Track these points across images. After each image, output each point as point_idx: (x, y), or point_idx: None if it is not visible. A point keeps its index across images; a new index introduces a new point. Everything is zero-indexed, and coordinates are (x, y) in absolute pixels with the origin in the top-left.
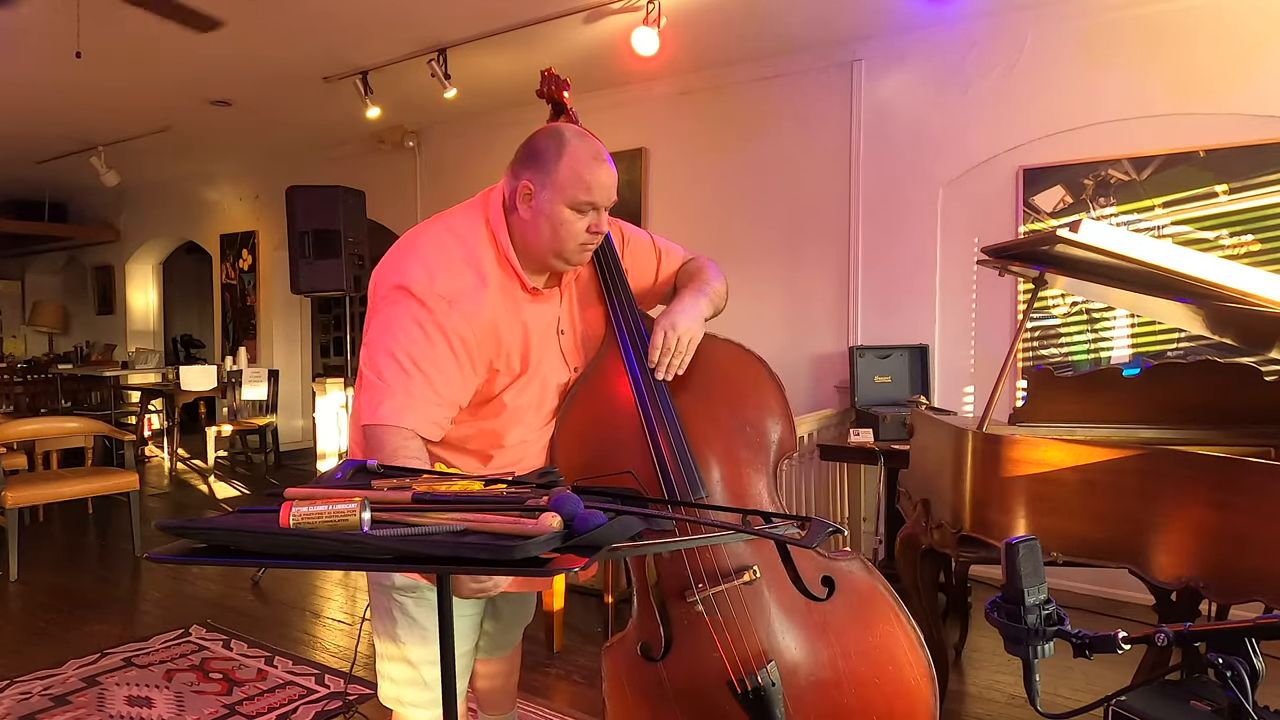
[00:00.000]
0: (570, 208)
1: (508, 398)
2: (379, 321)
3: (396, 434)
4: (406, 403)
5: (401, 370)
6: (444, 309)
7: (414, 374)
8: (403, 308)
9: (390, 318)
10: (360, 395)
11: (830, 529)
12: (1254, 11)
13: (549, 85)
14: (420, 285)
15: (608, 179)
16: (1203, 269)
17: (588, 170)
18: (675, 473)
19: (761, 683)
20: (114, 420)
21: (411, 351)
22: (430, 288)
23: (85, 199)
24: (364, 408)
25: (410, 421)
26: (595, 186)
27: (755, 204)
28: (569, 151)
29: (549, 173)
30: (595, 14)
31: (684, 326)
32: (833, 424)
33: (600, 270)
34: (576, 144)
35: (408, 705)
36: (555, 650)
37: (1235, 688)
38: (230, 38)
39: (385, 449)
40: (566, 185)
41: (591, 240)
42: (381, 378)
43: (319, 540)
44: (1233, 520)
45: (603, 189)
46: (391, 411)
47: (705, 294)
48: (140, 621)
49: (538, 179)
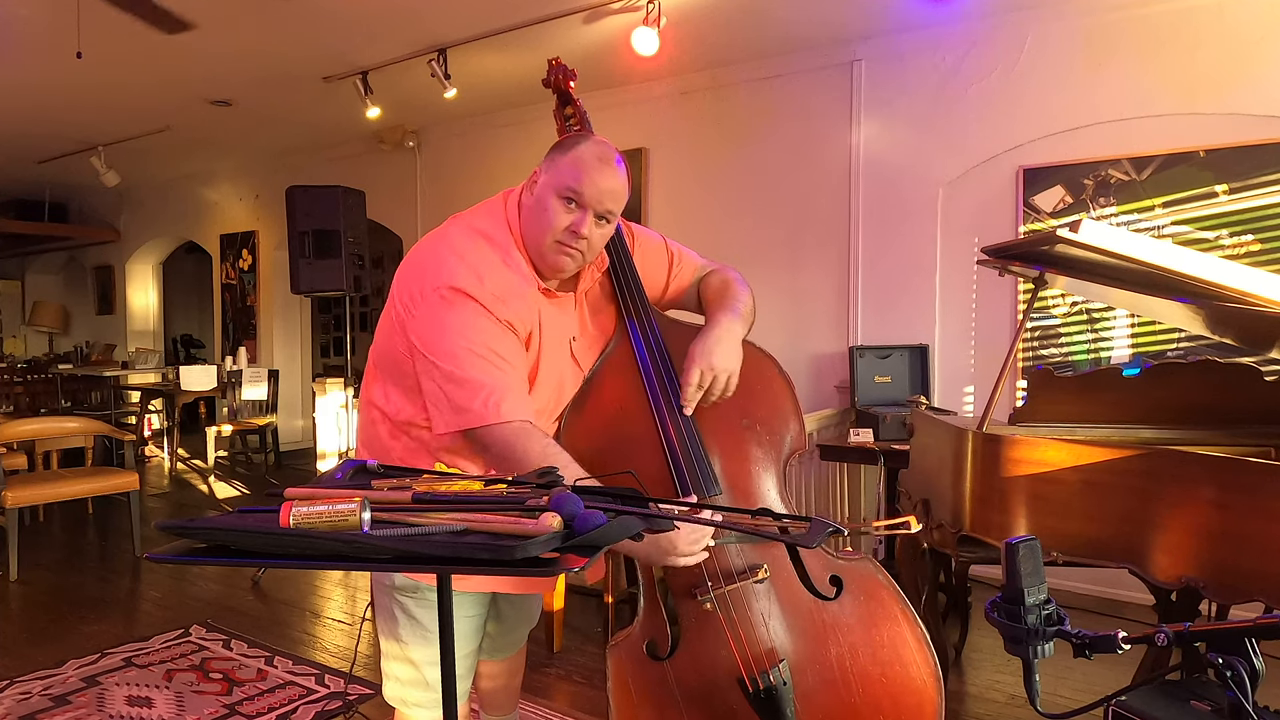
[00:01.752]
0: (558, 195)
1: None
2: (440, 323)
3: (534, 432)
4: (520, 396)
5: (495, 367)
6: (500, 307)
7: (507, 367)
8: (467, 307)
9: (454, 318)
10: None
11: (831, 529)
12: (1254, 12)
13: (556, 74)
14: (472, 285)
15: (603, 181)
16: (1203, 269)
17: (587, 165)
18: (689, 469)
19: (773, 681)
20: (114, 420)
21: (496, 347)
22: (482, 287)
23: (85, 199)
24: (460, 409)
25: (530, 414)
26: (587, 181)
27: (755, 204)
28: (581, 147)
29: (554, 161)
30: (595, 14)
31: (723, 363)
32: (833, 424)
33: (611, 264)
34: (592, 145)
35: (411, 705)
36: (555, 650)
37: (1235, 688)
38: (231, 38)
39: (534, 449)
40: (562, 171)
41: (569, 241)
42: (473, 375)
43: (319, 540)
44: (1233, 520)
45: (594, 187)
46: (514, 408)
47: (739, 314)
48: (140, 621)
49: (545, 166)
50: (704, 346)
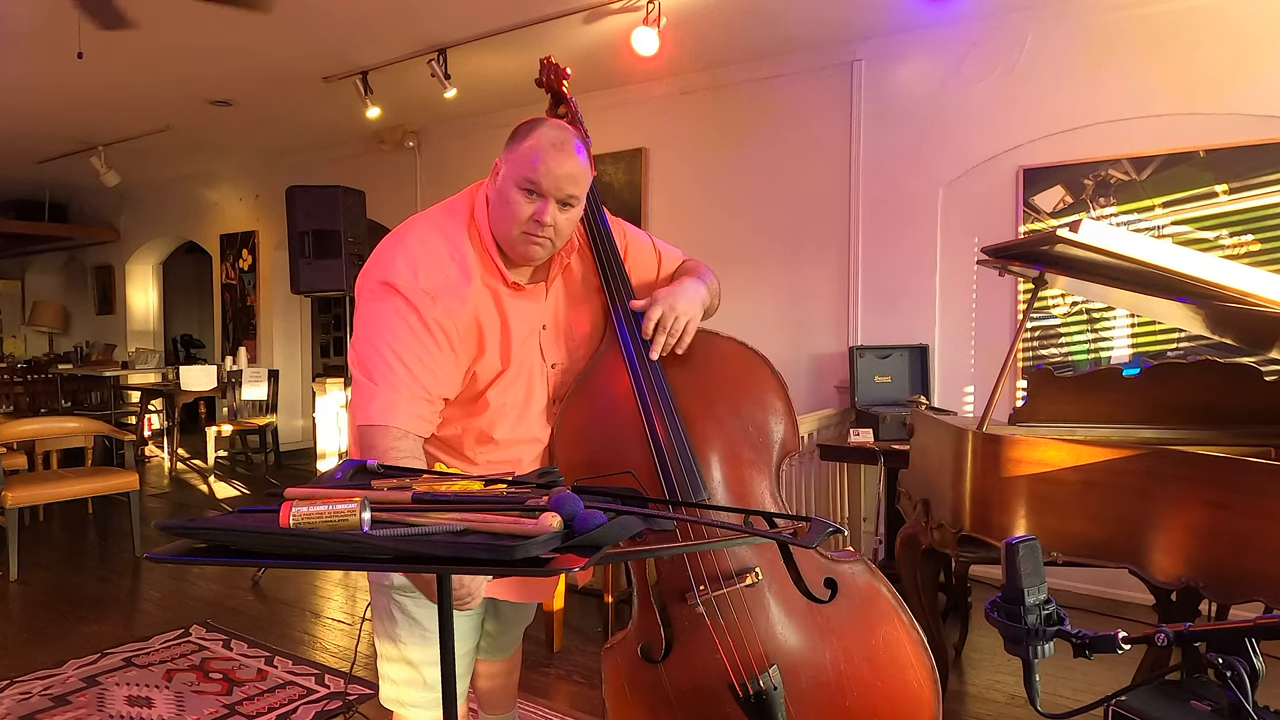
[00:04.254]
0: (518, 187)
1: (492, 395)
2: (364, 318)
3: (388, 434)
4: (394, 400)
5: (388, 366)
6: (427, 303)
7: (399, 369)
8: (387, 303)
9: (375, 314)
10: (353, 395)
11: (830, 529)
12: (1254, 12)
13: (548, 74)
14: (403, 280)
15: (558, 167)
16: (1203, 269)
17: (543, 153)
18: (676, 472)
19: (764, 686)
20: (114, 420)
21: (396, 346)
22: (413, 282)
23: (85, 199)
24: (356, 408)
25: (400, 420)
26: (543, 170)
27: (755, 204)
28: (536, 134)
29: (513, 151)
30: (595, 14)
31: (682, 307)
32: (833, 424)
33: (600, 265)
34: (547, 130)
35: (408, 706)
36: (555, 650)
37: (1235, 688)
38: (231, 37)
39: (378, 449)
40: (519, 162)
41: (534, 231)
42: (369, 376)
43: (319, 540)
44: (1233, 520)
45: (550, 175)
46: (381, 410)
47: (704, 283)
48: (140, 621)
49: (505, 156)
50: (666, 292)
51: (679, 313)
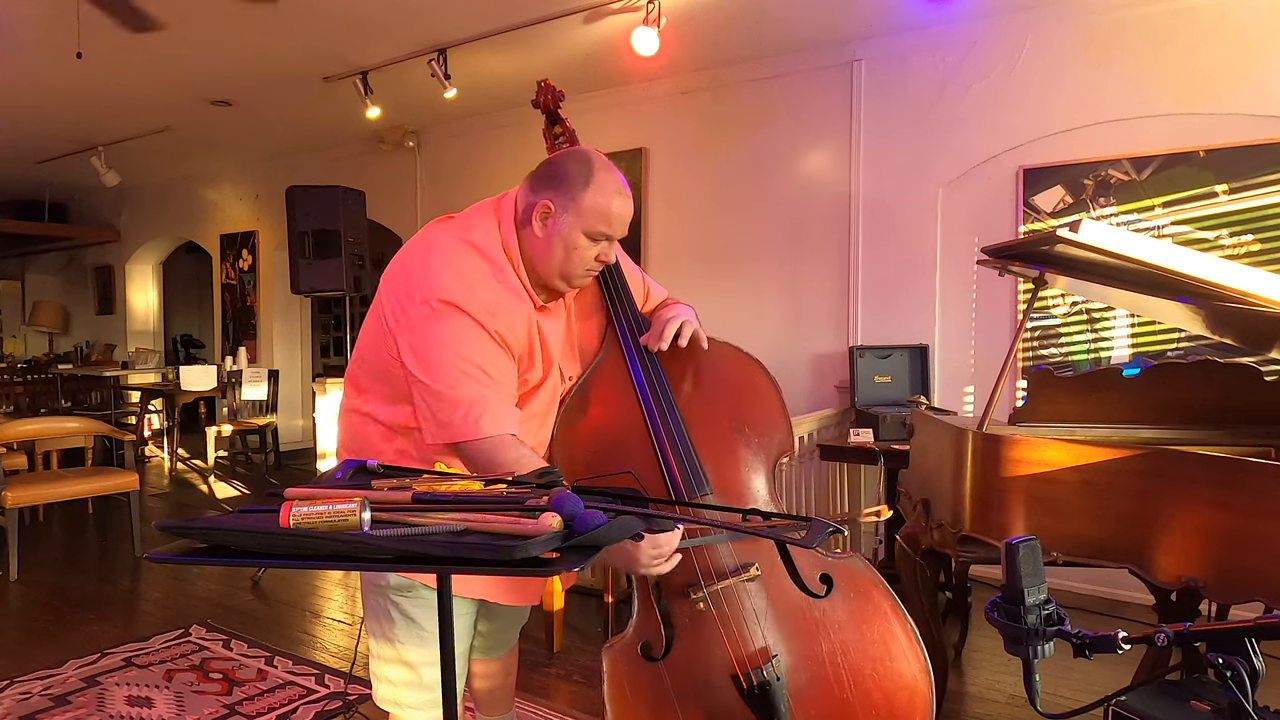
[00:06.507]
0: (587, 235)
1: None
2: (429, 336)
3: (510, 443)
4: (501, 410)
5: (477, 381)
6: (489, 319)
7: (488, 382)
8: (456, 320)
9: (443, 331)
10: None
11: (830, 529)
12: (1255, 11)
13: (545, 95)
14: (462, 298)
15: (627, 214)
16: (1203, 269)
17: (612, 203)
18: (679, 470)
19: (767, 677)
20: (114, 420)
21: (479, 360)
22: (473, 299)
23: (85, 199)
24: (443, 423)
25: (512, 427)
26: (615, 220)
27: (755, 204)
28: (596, 182)
29: (573, 198)
30: (595, 14)
31: (690, 320)
32: (833, 424)
33: (601, 275)
34: (604, 175)
35: (406, 707)
36: (555, 650)
37: (1235, 688)
38: (231, 37)
39: (503, 460)
40: (588, 213)
41: (596, 269)
42: (458, 390)
43: (319, 540)
44: (1233, 520)
45: (621, 223)
46: (493, 422)
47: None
48: (140, 621)
49: (559, 201)
50: (674, 308)
51: (685, 322)
